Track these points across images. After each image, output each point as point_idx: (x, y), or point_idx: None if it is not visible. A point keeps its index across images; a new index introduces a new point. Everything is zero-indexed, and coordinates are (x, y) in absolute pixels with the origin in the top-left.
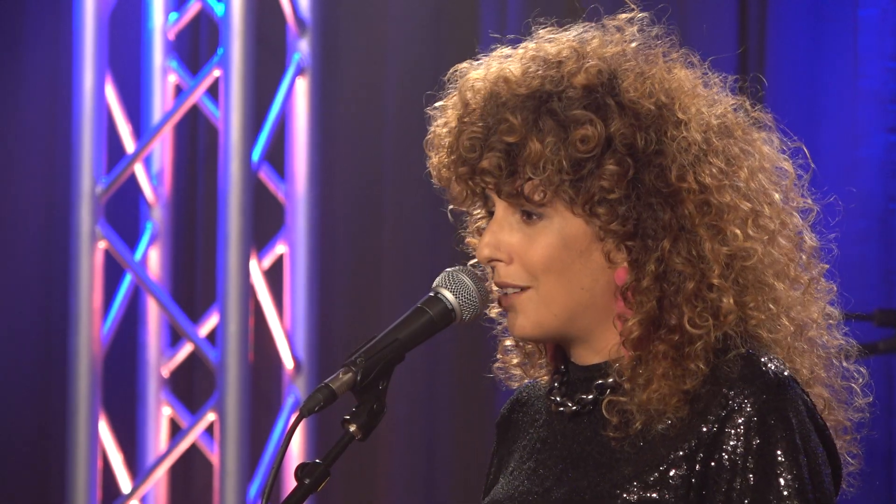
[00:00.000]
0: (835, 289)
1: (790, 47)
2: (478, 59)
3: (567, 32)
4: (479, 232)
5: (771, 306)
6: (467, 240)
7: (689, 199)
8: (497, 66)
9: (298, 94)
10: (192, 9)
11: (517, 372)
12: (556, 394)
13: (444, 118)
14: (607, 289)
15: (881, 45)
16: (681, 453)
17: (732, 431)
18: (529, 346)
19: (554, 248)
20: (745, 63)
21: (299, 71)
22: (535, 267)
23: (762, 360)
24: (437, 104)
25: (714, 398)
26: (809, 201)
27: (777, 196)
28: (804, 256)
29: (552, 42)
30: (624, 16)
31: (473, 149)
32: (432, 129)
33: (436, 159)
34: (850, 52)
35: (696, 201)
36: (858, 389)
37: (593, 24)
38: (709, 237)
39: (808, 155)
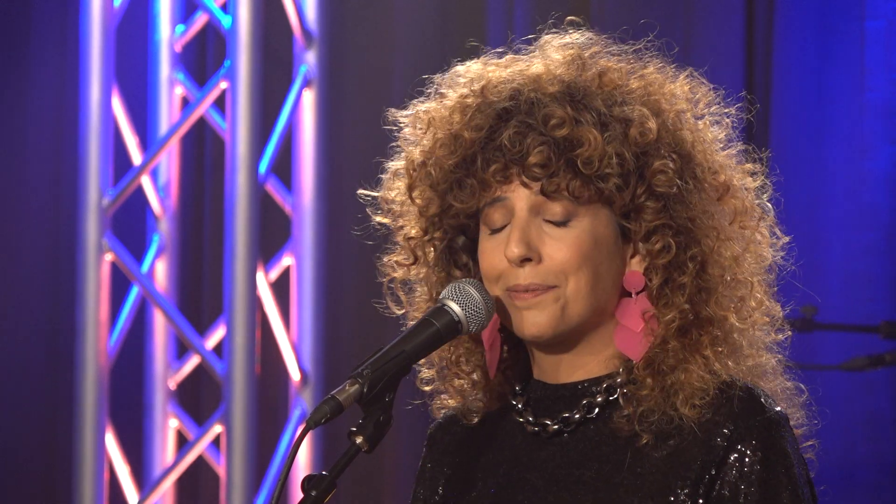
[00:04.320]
0: (782, 309)
1: (797, 60)
2: (475, 62)
3: (567, 41)
4: (412, 249)
5: (764, 315)
6: (392, 259)
7: (724, 196)
8: (519, 68)
9: (305, 105)
10: (199, 21)
11: (452, 402)
12: (526, 414)
13: (449, 117)
14: (616, 293)
15: (888, 57)
16: (685, 483)
17: (735, 463)
18: (470, 367)
19: (587, 246)
20: (751, 76)
21: (306, 83)
22: (568, 265)
23: (762, 398)
24: (421, 107)
25: (717, 430)
26: (776, 227)
27: (769, 206)
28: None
29: (554, 48)
30: (602, 42)
31: (514, 143)
32: (423, 128)
33: (434, 156)
34: (857, 64)
35: (730, 198)
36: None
37: (592, 37)
38: (738, 237)
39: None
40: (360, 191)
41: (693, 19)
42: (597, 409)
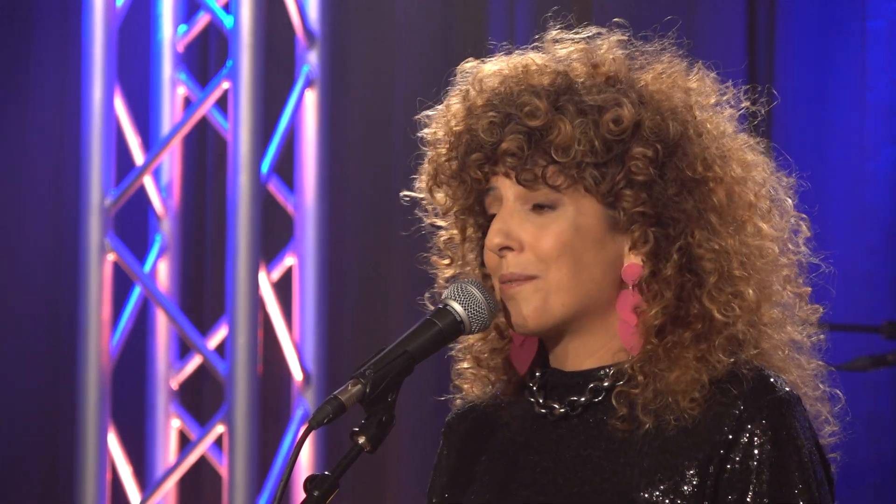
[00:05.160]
0: (821, 310)
1: (798, 60)
2: (484, 60)
3: (576, 36)
4: (449, 248)
5: (775, 311)
6: (432, 259)
7: (716, 188)
8: (513, 61)
9: (307, 106)
10: (201, 21)
11: (475, 392)
12: (537, 395)
13: (449, 113)
14: (613, 285)
15: (889, 57)
16: (694, 464)
17: (745, 443)
18: (495, 362)
19: (567, 235)
20: (753, 75)
21: (308, 83)
22: (548, 254)
23: (772, 378)
24: (437, 105)
25: (727, 411)
26: (806, 225)
27: (790, 202)
28: (793, 274)
29: (562, 44)
30: (616, 38)
31: (492, 133)
32: (433, 127)
33: (436, 152)
34: (858, 64)
35: (721, 191)
36: (829, 416)
37: (602, 32)
38: (731, 229)
39: (796, 178)
40: (404, 192)
41: (695, 19)
42: (603, 394)
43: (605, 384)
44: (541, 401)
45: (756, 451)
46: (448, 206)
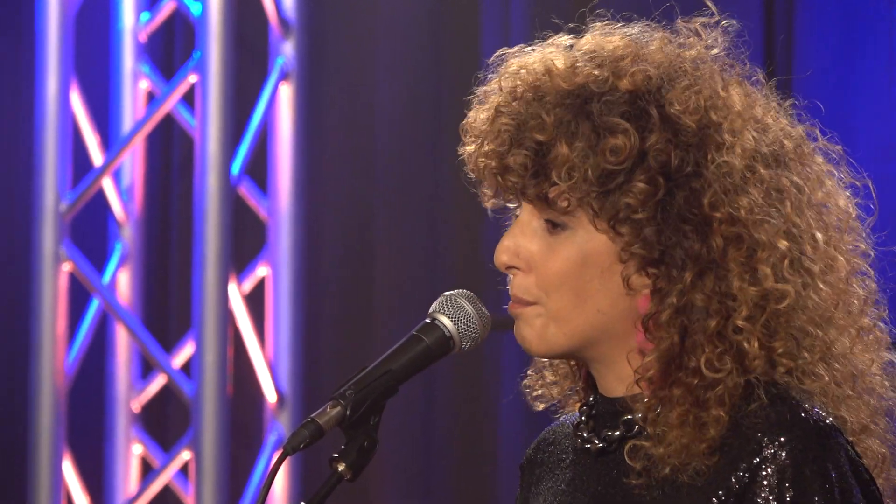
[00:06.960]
0: (888, 340)
1: (819, 50)
2: (529, 47)
3: (627, 29)
4: None
5: (805, 354)
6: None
7: (720, 230)
8: (543, 56)
9: (282, 101)
10: (166, 8)
11: (542, 392)
12: (582, 429)
13: (485, 104)
14: (627, 315)
15: None
16: None
17: (765, 482)
18: (564, 368)
19: (572, 263)
20: (770, 67)
21: (283, 76)
22: (549, 280)
23: (803, 405)
24: (481, 88)
25: (746, 445)
26: (863, 245)
27: (820, 236)
28: (856, 302)
29: (609, 38)
30: (701, 19)
31: (503, 142)
32: (471, 113)
33: (471, 148)
34: (885, 55)
35: (727, 234)
36: None
37: (654, 25)
38: (738, 274)
39: (873, 192)
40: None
41: (706, 11)
42: (636, 426)
43: (639, 415)
44: (584, 435)
45: (775, 494)
46: (494, 193)
